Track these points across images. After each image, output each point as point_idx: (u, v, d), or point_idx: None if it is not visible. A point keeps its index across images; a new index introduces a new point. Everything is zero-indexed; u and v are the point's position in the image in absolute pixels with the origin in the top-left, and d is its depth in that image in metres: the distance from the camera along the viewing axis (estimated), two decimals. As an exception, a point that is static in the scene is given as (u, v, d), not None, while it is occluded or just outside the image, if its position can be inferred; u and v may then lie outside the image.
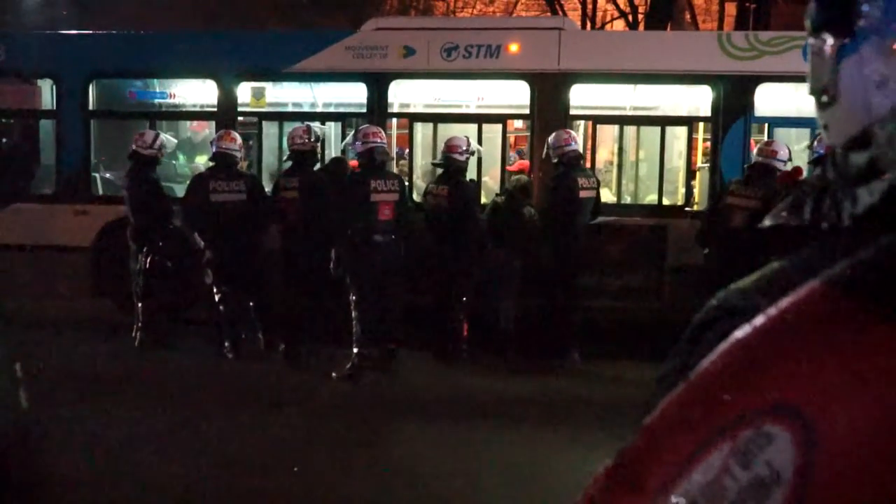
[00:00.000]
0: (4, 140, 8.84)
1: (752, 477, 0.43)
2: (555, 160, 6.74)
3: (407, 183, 7.85)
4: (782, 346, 0.47)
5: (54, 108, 8.13)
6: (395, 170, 7.81)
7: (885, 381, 0.42)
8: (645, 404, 0.57)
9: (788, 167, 6.49)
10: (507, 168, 7.81)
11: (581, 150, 7.12)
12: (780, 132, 7.43)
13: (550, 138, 6.79)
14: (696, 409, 0.49)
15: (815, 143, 6.11)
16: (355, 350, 6.29)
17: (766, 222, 0.64)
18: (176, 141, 8.03)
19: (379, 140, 6.42)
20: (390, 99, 7.79)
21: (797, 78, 7.13)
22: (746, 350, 0.49)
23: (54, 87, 8.10)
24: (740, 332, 0.50)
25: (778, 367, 0.47)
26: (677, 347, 0.59)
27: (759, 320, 0.49)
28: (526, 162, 7.99)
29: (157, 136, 7.27)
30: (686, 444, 0.47)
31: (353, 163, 7.09)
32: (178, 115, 9.15)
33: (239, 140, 6.99)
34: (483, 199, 7.41)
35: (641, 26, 16.65)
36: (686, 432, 0.48)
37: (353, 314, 6.32)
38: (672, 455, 0.47)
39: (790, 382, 0.45)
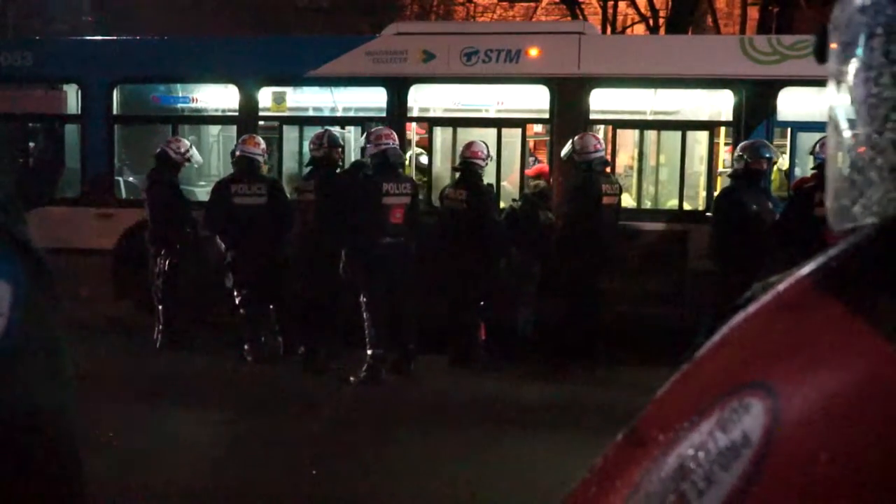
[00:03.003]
0: (31, 144, 8.98)
1: (728, 441, 0.49)
2: (581, 165, 6.70)
3: (425, 186, 7.88)
4: (762, 329, 0.55)
5: (79, 112, 8.25)
6: (413, 174, 7.82)
7: (839, 361, 0.48)
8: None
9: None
10: (526, 172, 7.80)
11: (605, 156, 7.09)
12: (803, 136, 7.36)
13: (577, 141, 6.73)
14: (695, 384, 0.57)
15: (818, 148, 6.04)
16: (369, 352, 6.31)
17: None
18: (202, 160, 8.16)
19: (392, 142, 6.44)
20: (410, 103, 7.81)
21: (820, 82, 6.94)
22: (736, 332, 0.56)
23: (80, 92, 8.22)
24: (736, 318, 0.57)
25: (756, 348, 0.54)
26: (703, 334, 0.66)
27: (751, 307, 0.57)
28: (544, 166, 7.95)
29: (190, 146, 7.44)
30: (685, 413, 0.54)
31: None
32: (200, 119, 9.25)
33: (262, 144, 7.06)
34: (501, 204, 7.40)
35: (662, 30, 16.55)
36: (686, 403, 0.55)
37: (365, 316, 6.34)
38: (673, 421, 0.55)
39: (765, 361, 0.52)
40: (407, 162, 7.81)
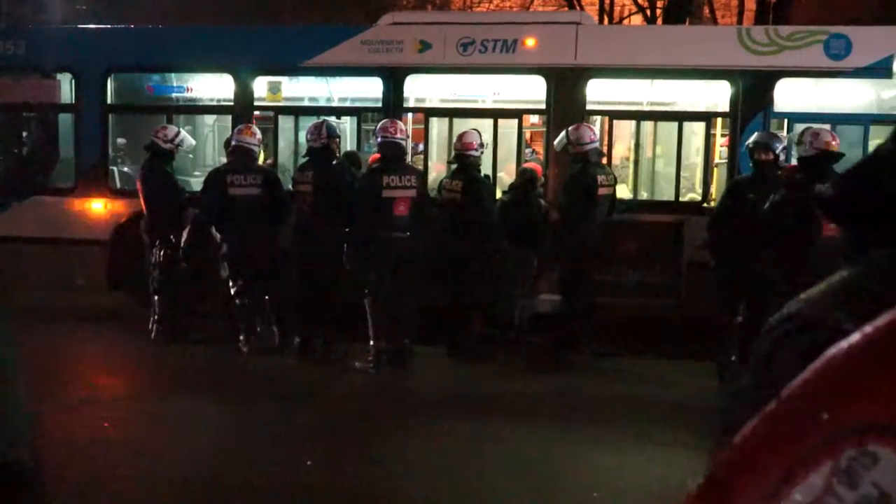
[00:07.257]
0: (24, 133, 8.93)
1: (859, 497, 0.41)
2: (576, 156, 6.67)
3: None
4: (884, 364, 0.45)
5: (73, 101, 8.20)
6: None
7: None
8: (721, 421, 0.56)
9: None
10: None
11: (600, 147, 7.08)
12: (799, 127, 7.34)
13: (572, 132, 6.70)
14: (791, 427, 0.47)
15: (809, 137, 5.96)
16: (371, 343, 6.32)
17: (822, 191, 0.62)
18: (194, 142, 8.09)
19: (390, 134, 6.42)
20: (406, 93, 7.77)
21: (817, 73, 7.06)
22: (845, 367, 0.47)
23: (73, 81, 8.17)
24: (836, 350, 0.48)
25: (880, 385, 0.44)
26: (753, 362, 0.58)
27: (855, 338, 0.47)
28: (534, 164, 7.88)
29: (178, 132, 7.35)
30: (782, 463, 0.45)
31: (374, 156, 7.10)
32: (195, 109, 9.20)
33: (258, 134, 7.02)
34: (498, 194, 7.38)
35: (659, 21, 16.51)
36: (781, 450, 0.46)
37: (367, 310, 6.34)
38: (767, 474, 0.46)
39: (891, 398, 0.43)
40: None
